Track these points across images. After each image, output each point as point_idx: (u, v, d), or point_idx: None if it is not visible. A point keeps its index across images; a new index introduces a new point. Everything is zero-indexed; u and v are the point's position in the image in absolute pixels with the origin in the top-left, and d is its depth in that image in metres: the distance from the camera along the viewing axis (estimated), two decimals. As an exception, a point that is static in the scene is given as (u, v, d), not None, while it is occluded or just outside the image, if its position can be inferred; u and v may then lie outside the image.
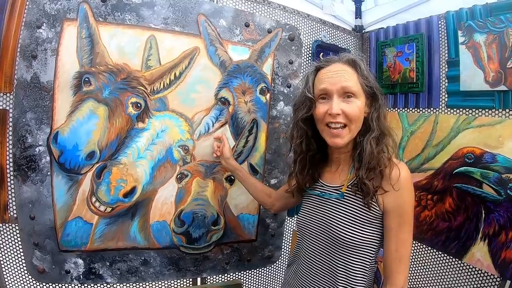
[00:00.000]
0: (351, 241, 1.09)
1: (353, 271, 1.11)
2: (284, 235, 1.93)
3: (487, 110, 1.70)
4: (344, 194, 1.15)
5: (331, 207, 1.18)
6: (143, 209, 1.56)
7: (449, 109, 1.86)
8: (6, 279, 1.56)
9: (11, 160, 1.45)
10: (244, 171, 1.63)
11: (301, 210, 1.30)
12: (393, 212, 1.08)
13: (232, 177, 1.70)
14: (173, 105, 1.57)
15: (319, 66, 1.18)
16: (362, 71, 1.11)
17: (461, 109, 1.81)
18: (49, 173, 1.43)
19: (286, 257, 2.11)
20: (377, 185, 1.08)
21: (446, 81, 1.89)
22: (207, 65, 1.62)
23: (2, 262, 1.55)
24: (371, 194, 1.07)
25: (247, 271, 2.01)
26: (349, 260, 1.11)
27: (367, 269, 1.13)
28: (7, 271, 1.57)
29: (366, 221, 1.10)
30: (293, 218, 2.10)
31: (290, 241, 2.12)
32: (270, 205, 1.56)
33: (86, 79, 1.44)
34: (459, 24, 1.79)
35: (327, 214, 1.17)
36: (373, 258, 1.14)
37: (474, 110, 1.75)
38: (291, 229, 2.12)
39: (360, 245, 1.10)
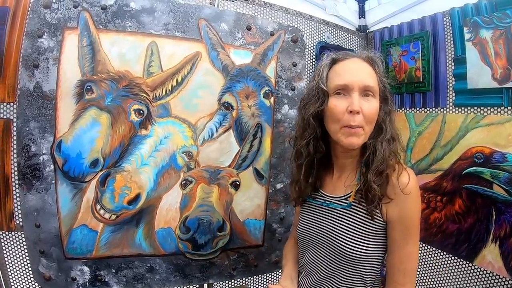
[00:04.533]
0: (357, 254, 1.03)
1: (357, 285, 1.06)
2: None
3: (495, 108, 1.66)
4: (352, 204, 1.07)
5: (335, 218, 1.11)
6: (147, 216, 1.55)
7: (456, 108, 1.83)
8: (13, 287, 1.57)
9: (16, 169, 1.47)
10: (289, 271, 1.30)
11: (301, 220, 1.23)
12: (398, 223, 1.01)
13: (238, 183, 1.69)
14: (176, 111, 1.56)
15: (336, 59, 1.09)
16: (380, 70, 1.06)
17: (469, 108, 1.77)
18: (53, 181, 1.43)
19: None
20: (383, 192, 1.00)
21: (453, 79, 1.86)
22: (210, 70, 1.60)
23: (9, 270, 1.57)
24: (375, 202, 1.00)
25: (254, 276, 2.00)
26: (354, 273, 1.05)
27: (373, 282, 1.08)
28: (13, 279, 1.59)
29: (372, 233, 1.04)
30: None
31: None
32: None
33: (88, 87, 1.44)
34: (464, 20, 1.76)
35: (331, 226, 1.10)
36: (379, 270, 1.08)
37: (482, 108, 1.71)
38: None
39: (366, 258, 1.04)
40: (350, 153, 1.10)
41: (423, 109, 2.00)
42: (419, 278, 1.97)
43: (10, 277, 1.57)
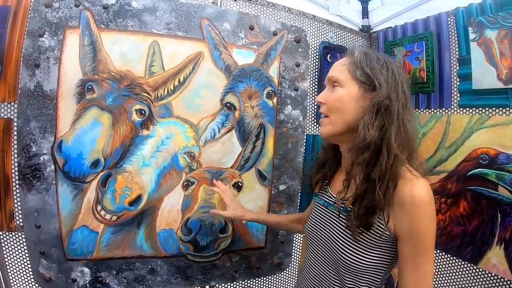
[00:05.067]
0: (353, 264, 0.96)
1: None
2: (294, 241, 1.90)
3: (501, 108, 1.63)
4: (348, 209, 0.99)
5: (333, 222, 1.07)
6: (149, 217, 1.54)
7: (461, 109, 1.80)
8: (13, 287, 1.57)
9: (16, 169, 1.46)
10: (263, 214, 1.58)
11: (308, 219, 1.22)
12: (408, 239, 0.91)
13: (240, 184, 1.68)
14: (178, 111, 1.55)
15: None
16: (355, 58, 1.01)
17: (474, 109, 1.74)
18: (54, 181, 1.42)
19: (296, 264, 2.08)
20: (381, 206, 0.92)
21: (458, 80, 1.83)
22: (212, 69, 1.60)
23: (9, 270, 1.56)
24: (353, 229, 0.95)
25: (256, 278, 1.99)
26: (348, 281, 0.99)
27: None
28: (14, 279, 1.57)
29: (371, 244, 0.96)
30: (302, 224, 2.06)
31: (301, 248, 2.09)
32: (301, 230, 1.46)
33: (89, 86, 1.43)
34: (469, 20, 1.73)
35: (329, 229, 1.07)
36: (379, 283, 1.00)
37: (487, 109, 1.69)
38: (301, 236, 2.09)
39: (364, 270, 0.96)
40: (348, 153, 1.05)
41: (427, 110, 1.98)
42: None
43: (10, 277, 1.56)
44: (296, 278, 2.13)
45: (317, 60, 2.10)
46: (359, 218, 0.93)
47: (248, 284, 1.98)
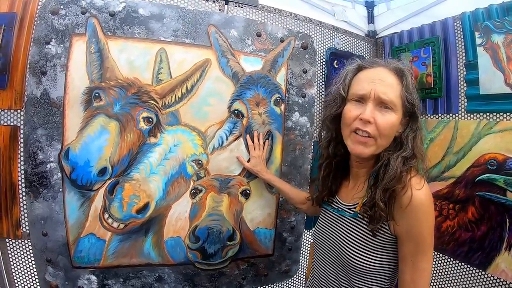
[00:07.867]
0: (362, 266, 1.00)
1: None
2: (302, 248, 1.90)
3: (508, 113, 1.63)
4: (358, 214, 1.05)
5: (343, 227, 1.10)
6: (156, 225, 1.54)
7: (469, 114, 1.80)
8: (19, 295, 1.57)
9: (22, 176, 1.46)
10: (278, 182, 1.63)
11: (316, 225, 1.24)
12: (407, 239, 0.96)
13: (248, 191, 1.67)
14: (186, 119, 1.54)
15: (362, 66, 1.08)
16: (408, 84, 1.01)
17: (481, 114, 1.74)
18: (60, 189, 1.42)
19: (304, 271, 2.07)
20: (390, 210, 0.97)
21: (465, 85, 1.83)
22: (219, 77, 1.59)
23: (15, 278, 1.56)
24: (377, 220, 0.97)
25: (264, 286, 1.97)
26: (358, 285, 1.03)
27: None
28: (20, 287, 1.57)
29: (378, 245, 1.01)
30: (310, 231, 2.06)
31: (308, 255, 2.08)
32: (305, 210, 1.56)
33: (96, 94, 1.42)
34: (475, 25, 1.73)
35: (339, 234, 1.09)
36: (388, 284, 1.04)
37: (495, 114, 1.68)
38: (309, 243, 2.09)
39: (372, 271, 1.01)
40: (363, 163, 1.09)
41: (434, 115, 1.97)
42: (431, 287, 1.94)
43: (17, 285, 1.56)
44: (303, 285, 2.13)
45: (324, 66, 2.10)
46: (373, 222, 0.99)
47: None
